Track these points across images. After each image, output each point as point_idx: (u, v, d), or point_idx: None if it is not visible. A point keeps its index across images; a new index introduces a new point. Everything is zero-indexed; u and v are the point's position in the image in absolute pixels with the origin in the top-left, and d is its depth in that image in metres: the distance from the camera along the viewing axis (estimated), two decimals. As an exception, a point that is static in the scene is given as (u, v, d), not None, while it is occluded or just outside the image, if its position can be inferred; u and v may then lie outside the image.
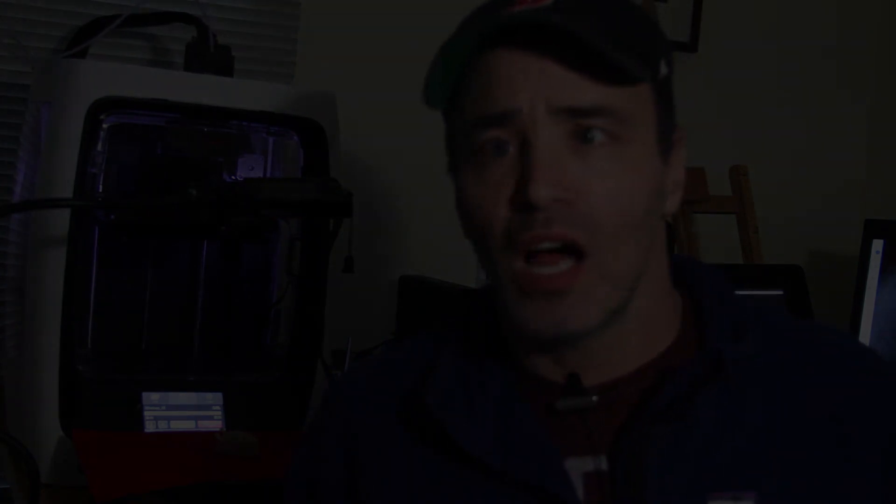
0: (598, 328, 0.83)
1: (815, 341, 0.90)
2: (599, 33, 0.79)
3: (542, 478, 0.83)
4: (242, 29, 1.89)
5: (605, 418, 0.85)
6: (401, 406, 0.92)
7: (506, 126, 0.81)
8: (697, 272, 0.92)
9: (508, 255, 0.82)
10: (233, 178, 1.52)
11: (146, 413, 1.39)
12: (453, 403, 0.88)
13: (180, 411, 1.41)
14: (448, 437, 0.87)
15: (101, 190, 1.41)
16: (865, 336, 1.74)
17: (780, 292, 1.63)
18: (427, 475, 0.88)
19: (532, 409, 0.87)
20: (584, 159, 0.81)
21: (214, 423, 1.42)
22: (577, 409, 0.86)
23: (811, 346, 0.89)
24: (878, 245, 1.73)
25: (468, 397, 0.88)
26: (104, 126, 1.39)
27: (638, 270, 0.84)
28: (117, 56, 1.78)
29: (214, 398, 1.44)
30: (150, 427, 1.39)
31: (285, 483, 0.98)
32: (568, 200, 0.80)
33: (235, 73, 1.57)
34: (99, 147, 1.39)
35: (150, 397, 1.40)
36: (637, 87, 0.82)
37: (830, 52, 2.38)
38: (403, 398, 0.92)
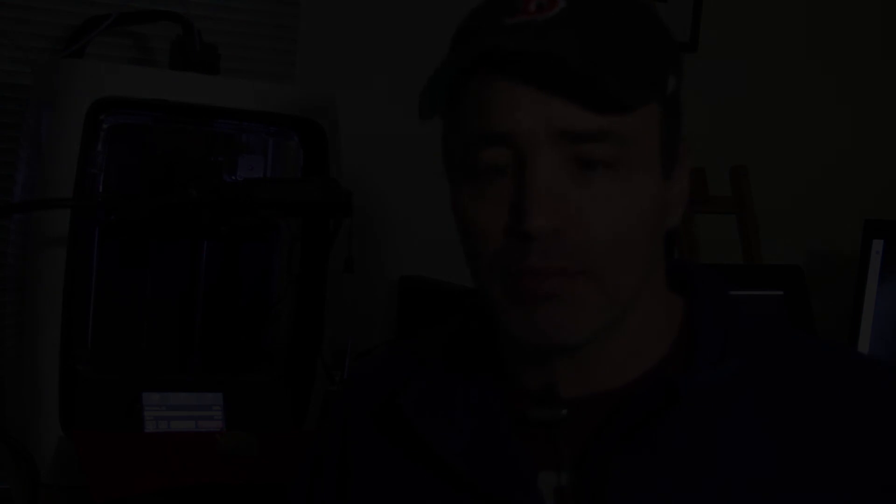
0: (588, 342, 0.81)
1: (807, 360, 0.84)
2: (603, 58, 0.76)
3: (511, 492, 0.81)
4: (242, 29, 1.88)
5: (573, 434, 0.83)
6: (380, 409, 0.91)
7: (504, 146, 0.78)
8: (697, 280, 0.89)
9: (499, 273, 0.80)
10: (233, 178, 1.52)
11: (146, 413, 1.39)
12: (428, 406, 0.86)
13: (180, 411, 1.41)
14: (421, 442, 0.85)
15: (101, 190, 1.41)
16: (865, 336, 1.74)
17: (780, 293, 1.63)
18: (399, 481, 0.87)
19: (510, 418, 0.85)
20: (582, 186, 0.78)
21: (214, 423, 1.42)
22: (547, 421, 0.83)
23: (803, 365, 0.83)
24: (878, 245, 1.73)
25: (445, 401, 0.86)
26: (104, 126, 1.39)
27: (636, 290, 0.82)
28: (110, 55, 1.77)
29: (214, 398, 1.44)
30: (150, 427, 1.39)
31: (290, 486, 0.98)
32: (564, 230, 0.78)
33: (235, 73, 1.57)
34: (99, 147, 1.39)
35: (150, 397, 1.40)
36: (643, 108, 0.79)
37: (831, 51, 2.38)
38: (384, 401, 0.90)
